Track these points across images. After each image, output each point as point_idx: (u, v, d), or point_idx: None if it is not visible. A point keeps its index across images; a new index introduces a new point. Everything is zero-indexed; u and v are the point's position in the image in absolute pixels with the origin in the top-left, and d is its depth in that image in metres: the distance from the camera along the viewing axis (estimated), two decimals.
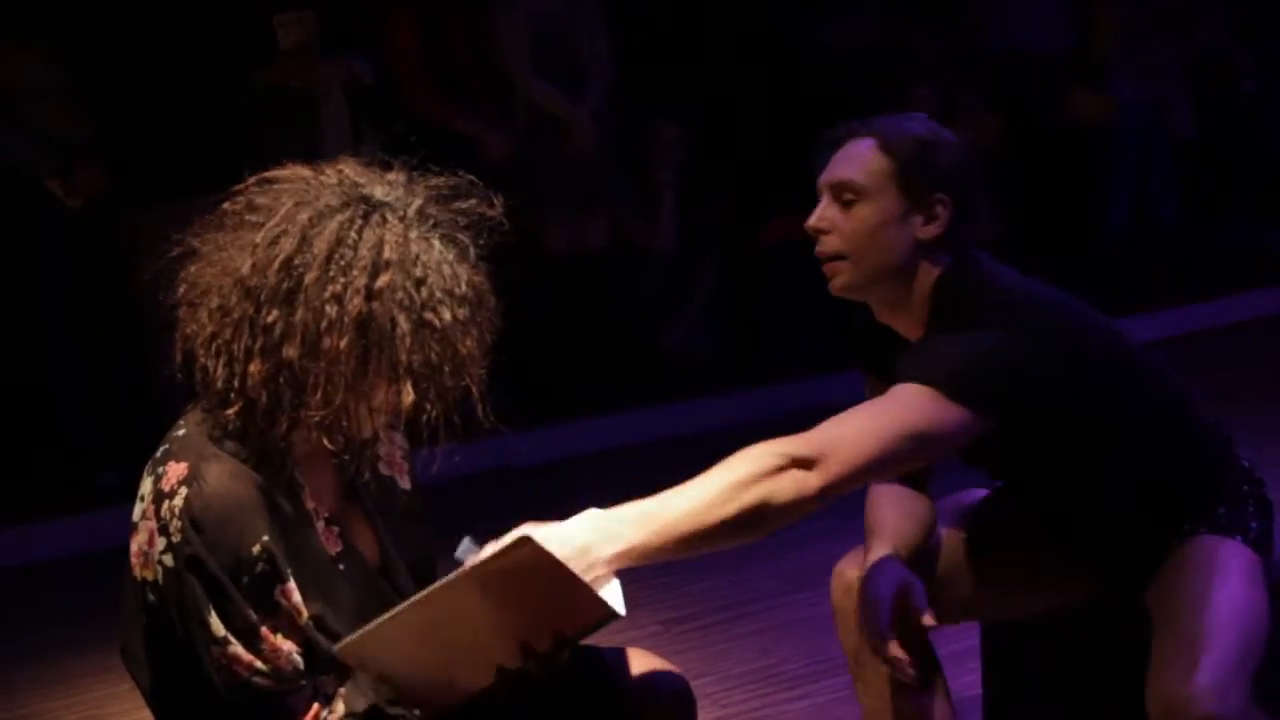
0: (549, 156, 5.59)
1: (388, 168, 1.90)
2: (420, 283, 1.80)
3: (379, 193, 1.84)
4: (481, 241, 1.91)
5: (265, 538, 1.80)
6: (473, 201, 1.91)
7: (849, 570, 2.38)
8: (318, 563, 1.88)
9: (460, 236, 1.88)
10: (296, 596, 1.84)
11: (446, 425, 1.88)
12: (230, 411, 1.80)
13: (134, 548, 1.84)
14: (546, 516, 2.02)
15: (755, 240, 6.42)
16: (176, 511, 1.77)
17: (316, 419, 1.80)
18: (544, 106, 5.56)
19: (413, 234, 1.82)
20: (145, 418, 4.32)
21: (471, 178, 1.94)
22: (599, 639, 2.26)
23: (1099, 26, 6.94)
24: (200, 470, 1.79)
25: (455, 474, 1.86)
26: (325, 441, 1.82)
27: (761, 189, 6.45)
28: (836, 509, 4.84)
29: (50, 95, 4.99)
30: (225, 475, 1.79)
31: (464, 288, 1.85)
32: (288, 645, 1.83)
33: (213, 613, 1.78)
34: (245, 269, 1.79)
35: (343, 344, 1.77)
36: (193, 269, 1.84)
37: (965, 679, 2.85)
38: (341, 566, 1.91)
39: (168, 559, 1.79)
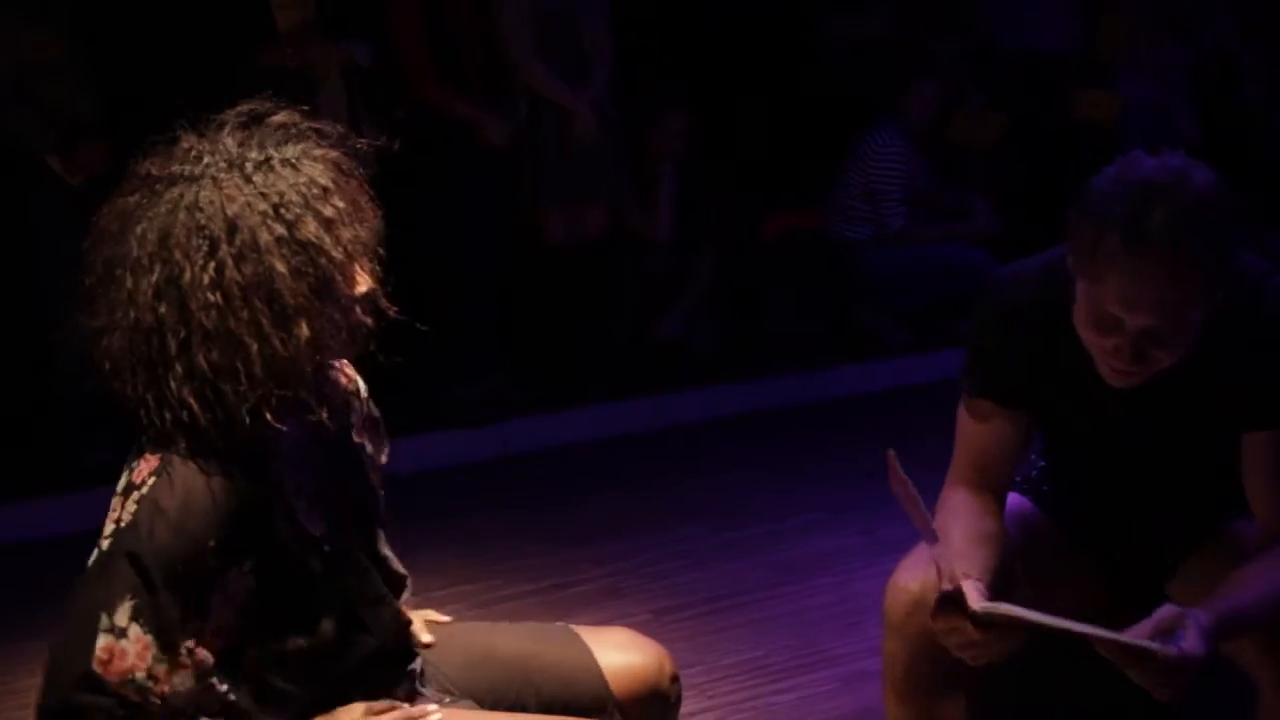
0: (549, 144, 5.57)
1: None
2: (277, 209, 1.79)
3: (200, 164, 1.83)
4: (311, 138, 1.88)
5: (221, 533, 1.78)
6: (281, 114, 1.89)
7: (911, 584, 2.30)
8: (294, 551, 1.86)
9: (292, 144, 1.86)
10: (239, 594, 1.82)
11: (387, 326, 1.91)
12: (183, 445, 1.79)
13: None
14: (543, 503, 2.02)
15: (754, 233, 6.43)
16: (138, 500, 1.77)
17: (269, 398, 1.78)
18: (545, 93, 5.55)
19: (249, 169, 1.81)
20: None
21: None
22: (591, 618, 2.27)
23: (1105, 28, 6.94)
24: (171, 461, 1.78)
25: (453, 461, 1.85)
26: (274, 420, 1.80)
27: (762, 182, 6.46)
28: (826, 503, 4.86)
29: (54, 72, 4.98)
30: (195, 468, 1.78)
31: (321, 182, 1.83)
32: (202, 654, 1.79)
33: (127, 601, 1.75)
34: (134, 316, 1.80)
35: (245, 317, 1.77)
36: (102, 344, 1.84)
37: None
38: (327, 548, 1.91)
39: (106, 543, 1.78)
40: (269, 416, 1.78)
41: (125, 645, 1.75)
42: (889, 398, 5.77)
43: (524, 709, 2.12)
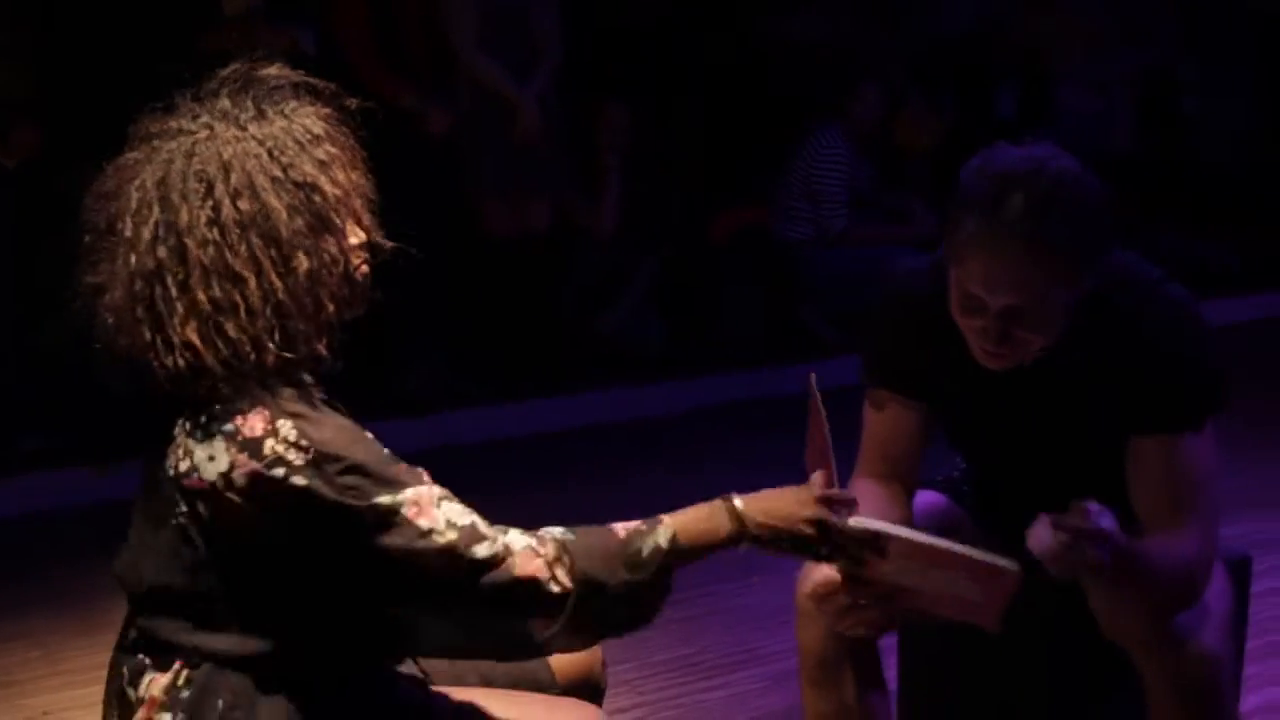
0: (493, 136, 5.56)
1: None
2: (272, 152, 1.82)
3: (197, 120, 1.86)
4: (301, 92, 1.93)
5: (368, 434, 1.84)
6: (274, 68, 1.94)
7: (817, 571, 2.32)
8: None
9: (287, 100, 1.91)
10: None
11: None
12: (202, 391, 1.78)
13: (216, 508, 1.78)
14: (481, 496, 2.03)
15: (701, 231, 6.45)
16: (292, 438, 1.76)
17: (273, 331, 1.79)
18: (488, 85, 5.54)
19: (243, 120, 1.85)
20: (77, 382, 4.27)
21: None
22: None
23: (1045, 38, 7.00)
24: (283, 406, 1.78)
25: (392, 451, 1.84)
26: (279, 350, 1.79)
27: (710, 180, 6.48)
28: None
29: None
30: (301, 400, 1.80)
31: (315, 130, 1.87)
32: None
33: (383, 489, 1.78)
34: (134, 262, 1.80)
35: (243, 252, 1.78)
36: (104, 300, 1.83)
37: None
38: None
39: (298, 479, 1.75)
40: (271, 346, 1.78)
41: (416, 508, 1.79)
42: (830, 397, 5.78)
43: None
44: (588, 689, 2.24)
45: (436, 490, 1.83)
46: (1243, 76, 7.65)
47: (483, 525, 1.83)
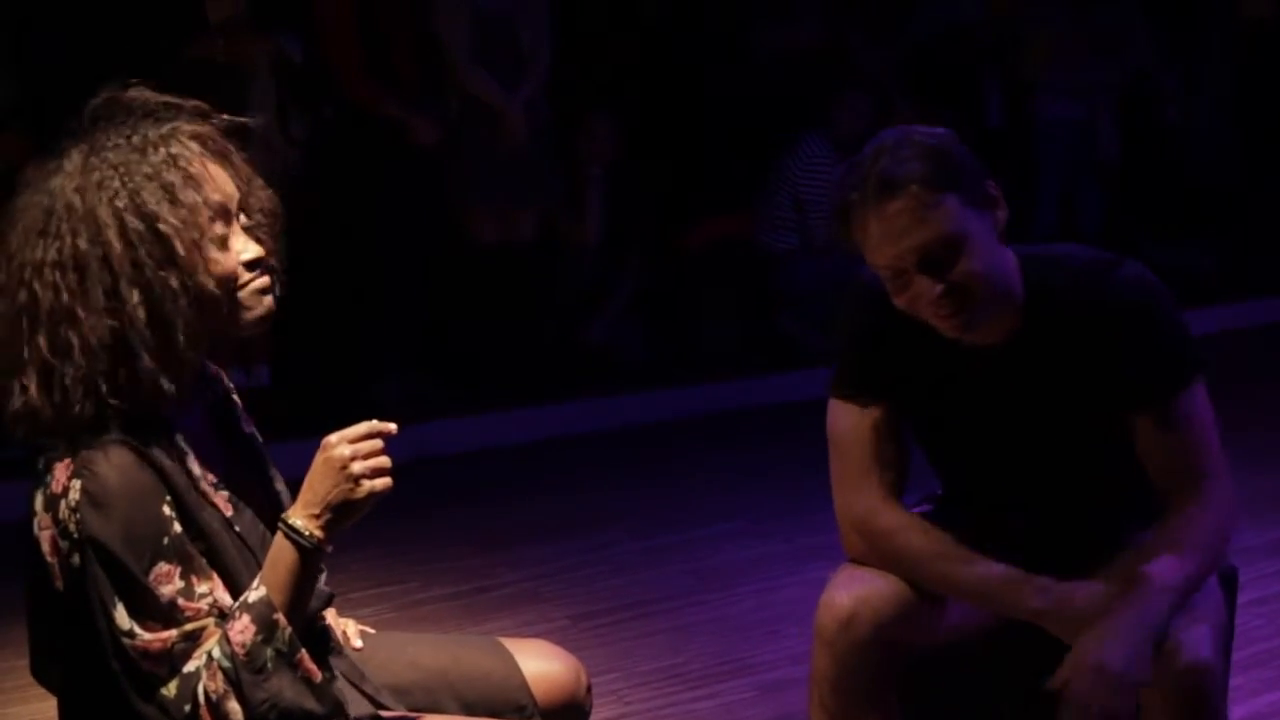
0: (480, 146, 5.56)
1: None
2: (124, 178, 1.78)
3: (70, 157, 1.83)
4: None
5: (168, 497, 1.78)
6: (136, 90, 1.90)
7: (845, 600, 2.30)
8: (211, 528, 1.85)
9: (155, 125, 1.84)
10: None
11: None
12: (32, 435, 1.77)
13: (43, 565, 1.79)
14: (463, 506, 2.02)
15: (682, 240, 6.45)
16: (74, 505, 1.73)
17: (112, 374, 1.76)
18: (478, 95, 5.53)
19: (105, 149, 1.81)
20: None
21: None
22: (509, 621, 2.27)
23: (1030, 45, 7.02)
24: (87, 458, 1.75)
25: None
26: (111, 397, 1.76)
27: (691, 189, 6.48)
28: (749, 510, 4.85)
29: None
30: (115, 455, 1.75)
31: (174, 151, 1.81)
32: (211, 585, 1.81)
33: (119, 605, 1.74)
34: (3, 304, 1.80)
35: (78, 288, 1.76)
36: None
37: None
38: (237, 528, 1.89)
39: (75, 559, 1.74)
40: (105, 389, 1.75)
41: (140, 642, 1.75)
42: (814, 407, 5.77)
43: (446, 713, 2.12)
44: (571, 713, 2.22)
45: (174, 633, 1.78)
46: (1225, 84, 7.68)
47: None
